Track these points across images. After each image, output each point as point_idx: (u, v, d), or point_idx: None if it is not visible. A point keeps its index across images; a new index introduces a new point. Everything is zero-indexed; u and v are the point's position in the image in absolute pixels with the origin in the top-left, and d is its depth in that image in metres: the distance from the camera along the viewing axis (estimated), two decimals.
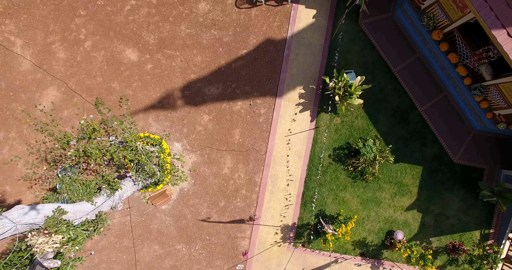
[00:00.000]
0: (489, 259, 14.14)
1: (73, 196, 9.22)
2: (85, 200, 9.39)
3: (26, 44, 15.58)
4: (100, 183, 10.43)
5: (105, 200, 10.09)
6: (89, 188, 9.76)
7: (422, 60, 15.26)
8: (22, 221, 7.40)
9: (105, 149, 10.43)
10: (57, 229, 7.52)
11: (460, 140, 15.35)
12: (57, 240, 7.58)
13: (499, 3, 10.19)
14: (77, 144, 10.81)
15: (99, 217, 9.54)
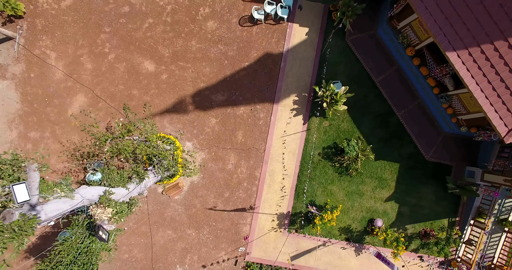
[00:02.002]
0: (450, 240, 16.64)
1: (112, 183, 11.71)
2: (120, 186, 11.88)
3: (59, 56, 18.09)
4: (131, 174, 12.92)
5: (134, 187, 12.58)
6: (122, 177, 12.25)
7: (399, 72, 17.72)
8: (86, 197, 9.94)
9: (134, 146, 12.91)
10: (108, 204, 10.05)
11: (432, 141, 17.81)
12: (109, 212, 10.13)
13: (451, 30, 12.67)
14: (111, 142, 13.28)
15: (132, 199, 12.04)
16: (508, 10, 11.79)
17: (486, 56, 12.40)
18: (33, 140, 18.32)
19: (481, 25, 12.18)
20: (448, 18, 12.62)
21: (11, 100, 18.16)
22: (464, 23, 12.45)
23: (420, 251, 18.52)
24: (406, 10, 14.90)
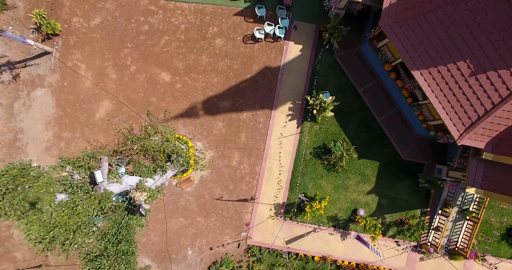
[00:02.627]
0: (419, 226, 19.73)
1: (142, 174, 14.72)
2: (148, 177, 14.90)
3: (88, 68, 21.13)
4: (156, 167, 15.95)
5: (159, 178, 15.61)
6: (149, 170, 15.26)
7: (379, 84, 20.74)
8: (128, 183, 13.01)
9: (159, 146, 15.95)
10: (144, 189, 13.09)
11: (407, 142, 20.84)
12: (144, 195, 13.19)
13: (415, 54, 15.69)
14: (139, 141, 16.32)
15: (158, 187, 15.08)
16: (455, 41, 14.80)
17: (441, 75, 15.44)
18: (65, 140, 21.38)
19: (437, 51, 15.21)
20: (413, 44, 15.65)
21: (48, 105, 21.21)
22: (425, 48, 15.48)
23: (397, 237, 21.60)
24: (382, 33, 17.93)
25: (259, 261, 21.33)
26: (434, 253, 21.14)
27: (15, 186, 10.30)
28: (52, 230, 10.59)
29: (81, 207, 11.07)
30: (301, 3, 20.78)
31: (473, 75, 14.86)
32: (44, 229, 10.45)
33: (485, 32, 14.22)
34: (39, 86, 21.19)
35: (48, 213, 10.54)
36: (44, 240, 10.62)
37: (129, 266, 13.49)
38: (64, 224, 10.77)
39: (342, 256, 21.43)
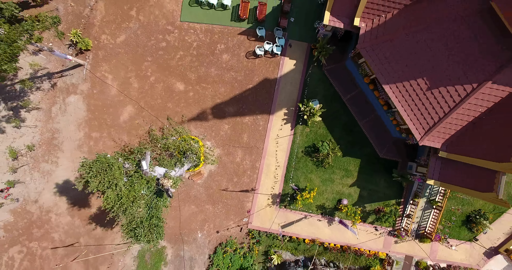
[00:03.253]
0: (392, 213, 23.62)
1: (166, 167, 18.50)
2: (171, 169, 18.69)
3: (114, 78, 24.95)
4: (175, 161, 19.75)
5: (178, 170, 19.43)
6: (170, 163, 19.06)
7: (361, 93, 24.55)
8: (157, 172, 16.86)
9: (177, 144, 19.78)
10: (170, 178, 16.93)
11: (384, 143, 24.64)
12: (170, 182, 17.04)
13: (385, 72, 19.53)
14: (162, 141, 20.14)
15: (178, 177, 18.90)
16: (416, 63, 18.65)
17: (406, 89, 19.29)
18: (94, 139, 25.21)
19: (403, 70, 19.07)
20: (383, 63, 19.50)
21: (80, 109, 25.03)
22: (393, 68, 19.33)
23: (375, 223, 25.45)
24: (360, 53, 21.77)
25: (258, 243, 25.19)
26: (406, 237, 25.02)
27: (103, 169, 14.81)
28: (121, 199, 14.63)
29: (137, 185, 14.89)
30: (295, 25, 24.63)
31: (429, 89, 18.72)
32: (117, 198, 14.40)
33: (437, 57, 18.07)
34: (72, 93, 25.02)
35: (119, 188, 14.77)
36: (115, 205, 14.55)
37: (158, 235, 17.38)
38: (126, 196, 14.61)
39: (328, 239, 25.29)
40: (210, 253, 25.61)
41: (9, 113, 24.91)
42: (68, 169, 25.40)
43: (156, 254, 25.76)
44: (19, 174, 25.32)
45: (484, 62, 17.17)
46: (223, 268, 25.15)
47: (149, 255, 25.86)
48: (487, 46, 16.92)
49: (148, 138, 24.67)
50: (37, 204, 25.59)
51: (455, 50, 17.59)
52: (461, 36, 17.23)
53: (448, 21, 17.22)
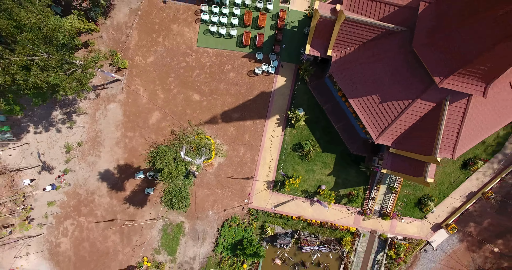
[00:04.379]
0: (359, 196, 30.87)
1: (190, 157, 25.69)
2: (193, 159, 25.91)
3: (145, 90, 32.14)
4: (196, 153, 26.96)
5: (198, 160, 26.67)
6: (192, 155, 26.24)
7: (336, 103, 31.70)
8: (186, 160, 24.10)
9: (197, 141, 27.01)
10: (194, 164, 24.11)
11: (355, 142, 31.79)
12: (195, 167, 24.25)
13: (349, 89, 26.71)
14: (185, 138, 27.33)
15: (199, 165, 26.18)
16: (371, 82, 25.82)
17: (364, 101, 26.48)
18: (129, 137, 32.41)
19: (362, 88, 26.26)
20: (348, 83, 26.68)
21: (118, 114, 32.22)
22: (356, 86, 26.50)
23: (347, 204, 32.65)
24: None
25: (256, 219, 32.44)
26: (371, 215, 32.26)
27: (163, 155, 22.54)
28: (171, 174, 22.08)
29: (180, 166, 22.17)
30: (285, 50, 31.81)
31: (380, 103, 25.92)
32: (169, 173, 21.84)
33: (383, 81, 25.27)
34: (112, 102, 32.22)
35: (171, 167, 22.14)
36: (168, 175, 21.99)
37: (187, 204, 24.76)
38: (174, 172, 22.05)
39: (310, 216, 32.52)
40: (218, 227, 32.87)
41: (64, 117, 32.13)
42: (108, 161, 32.64)
43: (176, 228, 33.02)
44: (71, 164, 32.56)
45: (414, 85, 24.37)
46: (228, 238, 32.43)
47: (171, 229, 33.12)
48: (415, 74, 24.09)
49: (171, 137, 31.95)
50: (84, 188, 32.84)
51: (395, 76, 24.77)
52: (398, 67, 24.43)
53: (389, 57, 24.42)
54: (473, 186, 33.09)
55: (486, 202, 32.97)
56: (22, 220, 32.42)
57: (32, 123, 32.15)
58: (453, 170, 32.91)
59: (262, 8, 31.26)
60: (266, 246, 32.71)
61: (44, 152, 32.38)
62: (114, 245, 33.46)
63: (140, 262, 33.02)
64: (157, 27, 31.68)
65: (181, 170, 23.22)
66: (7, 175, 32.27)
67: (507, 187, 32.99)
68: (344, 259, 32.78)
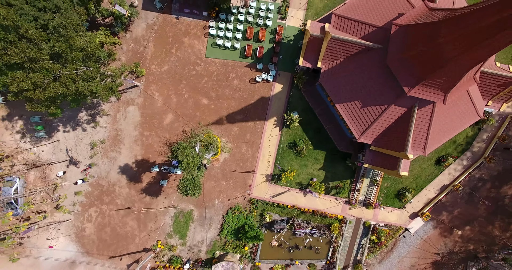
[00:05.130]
0: (346, 188, 35.76)
1: (201, 152, 30.49)
2: (204, 153, 30.73)
3: (160, 94, 36.95)
4: (205, 150, 31.80)
5: (208, 155, 31.53)
6: (203, 150, 31.07)
7: (326, 107, 36.52)
8: (199, 154, 29.00)
9: (206, 138, 31.85)
10: (204, 158, 29.03)
11: (342, 140, 36.61)
12: (206, 160, 29.13)
13: (337, 95, 31.53)
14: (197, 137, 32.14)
15: (209, 159, 30.98)
16: (354, 90, 30.64)
17: (349, 106, 31.31)
18: (145, 136, 37.22)
19: (347, 94, 31.09)
20: (336, 90, 31.49)
21: (136, 116, 37.04)
22: (342, 93, 31.32)
23: (336, 195, 37.50)
24: None
25: (256, 207, 37.29)
26: (356, 204, 37.10)
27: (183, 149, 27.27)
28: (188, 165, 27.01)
29: (196, 159, 27.04)
30: (282, 61, 36.61)
31: (362, 107, 30.75)
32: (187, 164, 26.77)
33: (362, 89, 30.09)
34: (131, 105, 37.02)
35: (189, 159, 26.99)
36: (187, 166, 26.87)
37: (199, 191, 29.75)
38: (192, 163, 26.98)
39: (303, 205, 37.36)
40: (223, 214, 37.71)
41: (89, 118, 36.93)
42: (127, 156, 37.44)
43: (187, 215, 37.85)
44: (94, 159, 37.36)
45: (389, 93, 29.19)
46: (232, 224, 37.27)
47: (182, 216, 37.94)
48: (390, 84, 28.89)
49: (183, 136, 36.78)
50: (106, 180, 37.66)
51: (373, 86, 29.59)
52: (375, 78, 29.26)
53: (368, 69, 29.25)
54: (445, 179, 37.94)
55: (456, 194, 37.82)
56: (53, 207, 37.26)
57: (61, 123, 36.95)
58: (428, 165, 37.74)
59: (262, 24, 36.08)
60: (265, 231, 37.55)
61: (72, 148, 37.19)
62: (132, 230, 38.28)
63: (155, 245, 37.82)
64: (170, 40, 36.50)
65: (196, 162, 28.09)
66: (40, 168, 37.10)
67: (474, 181, 37.85)
68: (332, 243, 37.63)
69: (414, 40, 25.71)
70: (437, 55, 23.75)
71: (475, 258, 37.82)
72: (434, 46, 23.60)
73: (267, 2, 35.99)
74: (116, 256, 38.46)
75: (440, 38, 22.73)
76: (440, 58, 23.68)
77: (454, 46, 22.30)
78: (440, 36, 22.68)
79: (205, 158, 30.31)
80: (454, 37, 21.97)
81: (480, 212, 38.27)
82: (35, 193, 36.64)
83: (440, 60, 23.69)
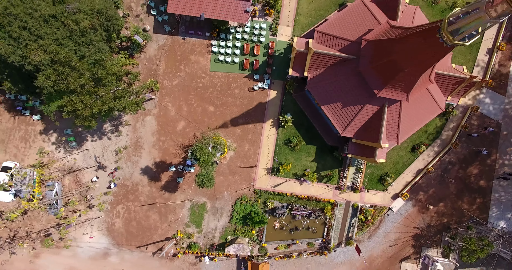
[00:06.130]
0: (335, 176, 42.32)
1: (213, 151, 36.79)
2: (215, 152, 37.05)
3: (172, 105, 43.29)
4: (215, 150, 38.11)
5: (218, 154, 37.81)
6: (213, 150, 37.38)
7: (315, 109, 42.99)
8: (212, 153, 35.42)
9: (214, 140, 38.16)
10: (216, 156, 35.40)
11: (330, 136, 43.08)
12: (216, 158, 35.48)
13: (323, 98, 38.04)
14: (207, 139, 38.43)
15: (219, 156, 37.34)
16: (336, 94, 37.15)
17: (333, 107, 37.84)
18: (162, 141, 43.55)
19: (331, 97, 37.62)
20: (321, 95, 38.01)
21: (153, 124, 43.39)
22: (326, 96, 37.84)
23: (327, 182, 44.01)
24: None
25: (259, 196, 43.74)
26: (345, 189, 43.63)
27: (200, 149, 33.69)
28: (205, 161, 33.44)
29: (210, 156, 33.46)
30: (275, 71, 43.09)
31: (343, 107, 37.28)
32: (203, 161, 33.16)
33: (341, 93, 36.62)
34: (148, 115, 43.36)
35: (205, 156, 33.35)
36: (204, 162, 33.26)
37: (213, 182, 36.24)
38: (207, 159, 33.31)
39: (300, 193, 43.83)
40: (232, 204, 44.10)
41: (113, 128, 43.21)
42: (147, 159, 43.71)
43: (201, 206, 44.19)
44: (119, 163, 43.63)
45: (364, 95, 35.69)
46: (240, 212, 43.66)
47: (197, 207, 44.27)
48: (364, 87, 35.38)
49: (194, 139, 43.15)
50: (130, 180, 43.95)
51: (351, 89, 36.12)
52: (352, 82, 35.73)
53: (346, 76, 35.77)
54: (420, 164, 44.52)
55: (430, 176, 44.41)
56: (86, 206, 43.51)
57: (89, 134, 43.20)
58: (405, 153, 44.31)
59: (256, 40, 42.56)
60: (268, 216, 43.96)
61: (99, 155, 43.44)
62: (155, 222, 44.55)
63: (175, 234, 44.11)
64: (179, 58, 42.89)
65: (210, 159, 34.48)
66: (74, 174, 43.33)
67: (444, 164, 44.48)
68: (327, 224, 44.11)
69: (378, 53, 32.29)
70: (395, 66, 30.35)
71: (448, 229, 44.44)
72: (391, 59, 30.20)
73: (260, 22, 42.48)
74: (142, 246, 44.75)
75: (394, 53, 29.35)
76: (397, 68, 30.28)
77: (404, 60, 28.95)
78: (394, 52, 29.30)
79: (216, 156, 36.74)
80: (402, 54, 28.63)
81: (451, 190, 44.89)
82: (71, 195, 42.88)
83: (398, 70, 30.28)
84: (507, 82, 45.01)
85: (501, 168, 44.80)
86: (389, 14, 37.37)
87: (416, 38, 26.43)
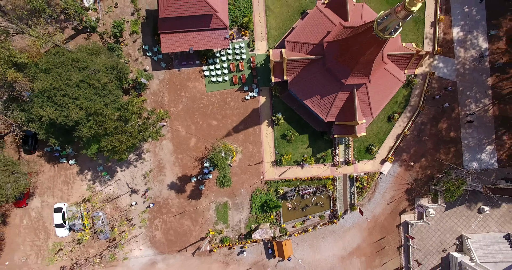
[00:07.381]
0: (329, 155, 50.56)
1: (226, 156, 44.51)
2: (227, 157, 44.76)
3: (182, 127, 51.09)
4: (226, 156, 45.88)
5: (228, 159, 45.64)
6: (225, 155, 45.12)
7: (300, 104, 51.22)
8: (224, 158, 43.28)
9: (225, 148, 45.97)
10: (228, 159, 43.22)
11: (317, 123, 51.27)
12: (228, 162, 43.25)
13: (302, 94, 46.31)
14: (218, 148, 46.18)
15: (231, 160, 45.15)
16: (313, 89, 45.47)
17: (312, 99, 46.13)
18: (179, 158, 51.19)
19: (310, 93, 45.92)
20: (301, 92, 46.28)
21: (169, 146, 51.05)
22: (307, 92, 46.12)
23: (324, 162, 52.13)
24: None
25: (270, 186, 51.66)
26: (340, 165, 51.81)
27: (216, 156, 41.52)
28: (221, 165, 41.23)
29: (224, 161, 41.27)
30: (261, 80, 51.25)
31: (321, 98, 45.58)
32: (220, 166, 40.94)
33: (320, 85, 44.99)
34: (164, 140, 51.05)
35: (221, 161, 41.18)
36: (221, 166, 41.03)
37: (230, 182, 44.01)
38: (223, 165, 41.08)
39: (303, 175, 51.85)
40: (249, 197, 51.88)
41: (136, 157, 50.78)
42: (171, 176, 51.27)
43: (224, 205, 51.84)
44: (148, 185, 51.12)
45: (335, 85, 44.00)
46: (257, 202, 51.45)
47: (221, 207, 51.88)
48: (334, 79, 43.70)
49: (206, 151, 50.94)
50: (161, 197, 51.42)
51: (324, 82, 44.44)
52: (324, 76, 44.04)
53: (318, 73, 44.12)
54: (398, 130, 52.88)
55: (408, 138, 52.88)
56: (129, 227, 50.81)
57: (117, 166, 50.67)
58: (383, 124, 52.70)
59: (239, 58, 50.80)
60: (281, 200, 51.81)
61: (130, 181, 50.89)
62: (188, 227, 51.99)
63: (207, 233, 51.59)
64: (178, 86, 50.84)
65: (225, 163, 42.33)
66: (112, 202, 50.65)
67: (418, 126, 52.98)
68: (331, 196, 52.17)
69: (338, 51, 40.80)
70: (352, 58, 38.86)
71: (432, 178, 52.86)
72: (348, 53, 38.72)
73: (239, 42, 50.70)
74: (182, 249, 52.12)
75: (348, 49, 37.86)
76: (354, 60, 38.78)
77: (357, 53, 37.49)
78: (349, 48, 37.82)
79: (228, 160, 44.57)
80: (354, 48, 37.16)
81: (428, 146, 53.29)
82: (115, 220, 50.16)
83: (355, 61, 38.79)
84: (453, 46, 53.56)
85: (464, 118, 53.29)
86: (341, 14, 45.83)
87: (360, 36, 34.93)
